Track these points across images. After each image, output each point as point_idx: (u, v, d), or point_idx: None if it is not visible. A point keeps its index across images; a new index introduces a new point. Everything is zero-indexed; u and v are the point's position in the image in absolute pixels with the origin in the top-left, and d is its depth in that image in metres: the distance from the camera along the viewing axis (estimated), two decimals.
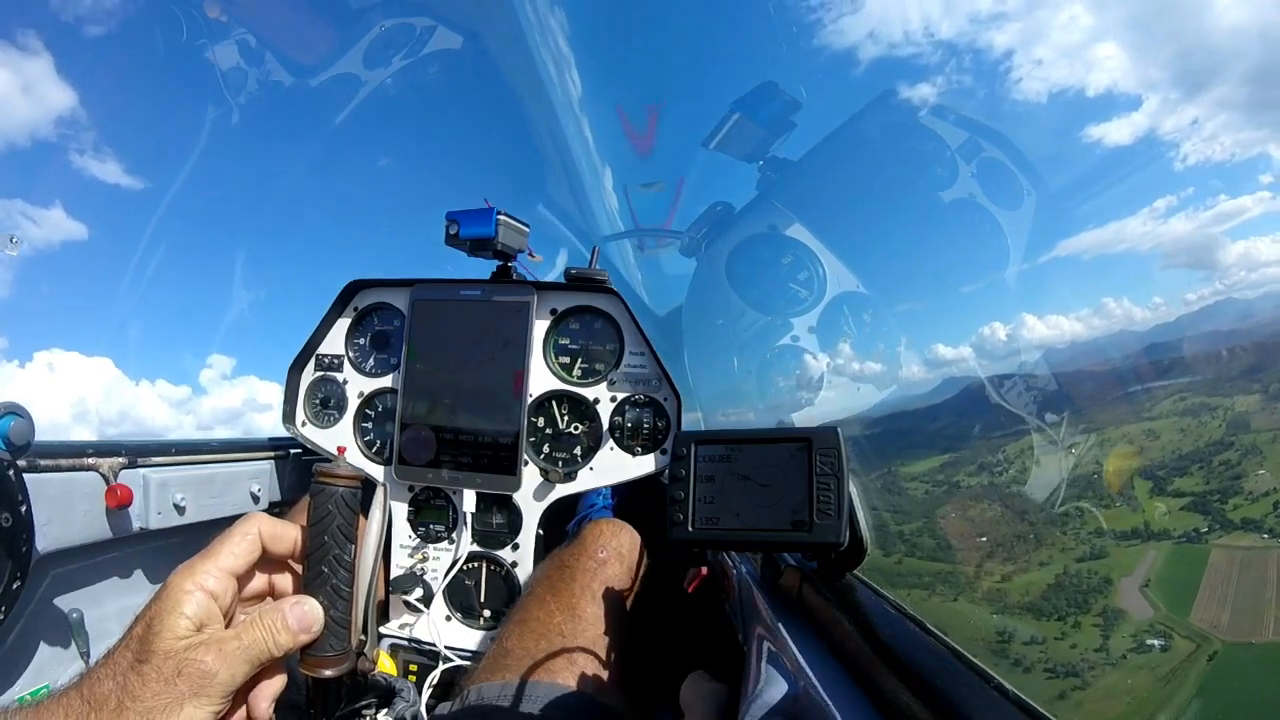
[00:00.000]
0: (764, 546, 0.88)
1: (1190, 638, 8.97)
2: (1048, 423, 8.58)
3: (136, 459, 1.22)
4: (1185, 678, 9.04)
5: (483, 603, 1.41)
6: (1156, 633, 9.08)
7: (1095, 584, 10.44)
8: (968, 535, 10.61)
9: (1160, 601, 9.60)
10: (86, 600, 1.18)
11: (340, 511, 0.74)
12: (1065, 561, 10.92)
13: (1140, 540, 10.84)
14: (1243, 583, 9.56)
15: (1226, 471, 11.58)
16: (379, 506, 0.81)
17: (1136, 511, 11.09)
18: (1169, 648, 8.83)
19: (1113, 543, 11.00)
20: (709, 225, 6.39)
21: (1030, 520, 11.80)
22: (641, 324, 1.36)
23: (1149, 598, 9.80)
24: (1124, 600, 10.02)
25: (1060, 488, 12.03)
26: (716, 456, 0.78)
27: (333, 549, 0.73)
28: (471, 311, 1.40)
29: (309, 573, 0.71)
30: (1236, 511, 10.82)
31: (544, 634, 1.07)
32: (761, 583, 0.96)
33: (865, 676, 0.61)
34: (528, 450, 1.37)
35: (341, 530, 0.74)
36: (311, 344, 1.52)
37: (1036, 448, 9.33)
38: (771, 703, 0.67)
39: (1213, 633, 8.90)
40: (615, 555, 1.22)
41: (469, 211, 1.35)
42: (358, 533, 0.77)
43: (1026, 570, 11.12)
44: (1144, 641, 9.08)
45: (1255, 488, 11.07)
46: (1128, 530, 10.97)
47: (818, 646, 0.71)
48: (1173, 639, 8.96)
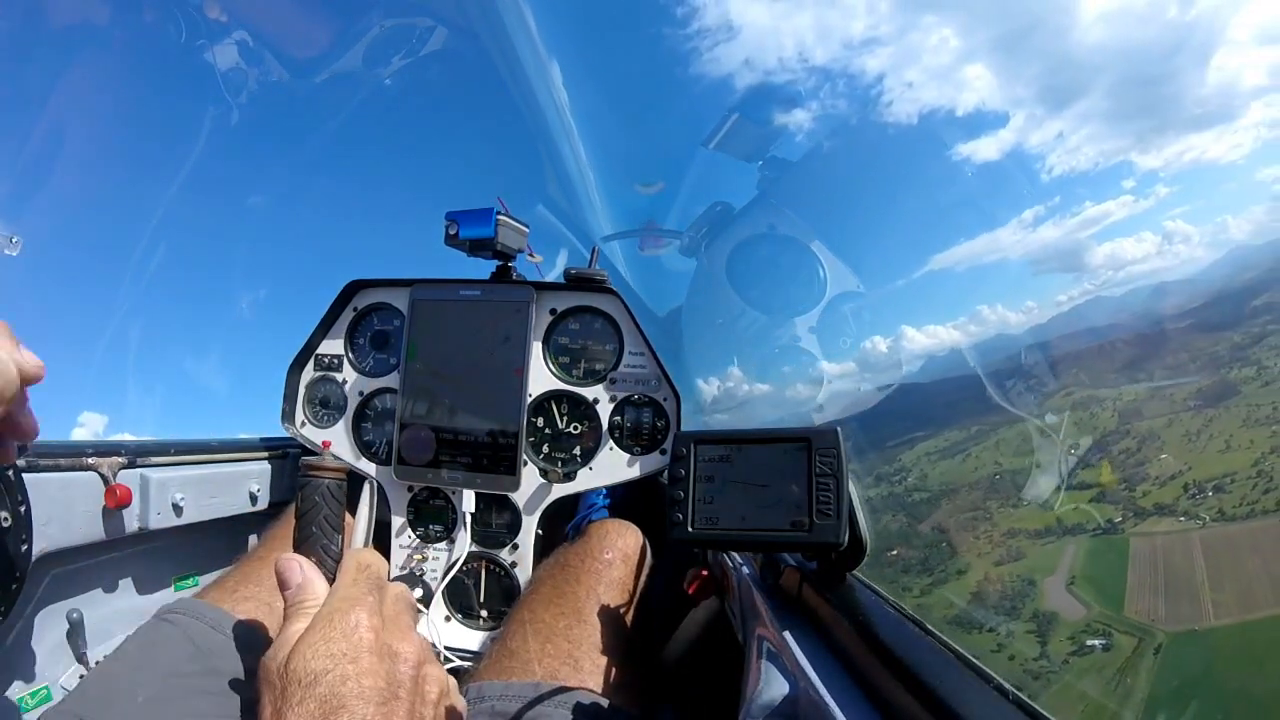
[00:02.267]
0: (764, 546, 0.88)
1: (1130, 632, 8.81)
2: (939, 428, 8.59)
3: (136, 459, 1.22)
4: (1136, 676, 8.85)
5: (482, 603, 1.41)
6: (1095, 632, 8.92)
7: (1019, 588, 10.31)
8: (875, 551, 10.66)
9: (1090, 598, 9.45)
10: (86, 601, 1.17)
11: (326, 502, 0.76)
12: (984, 567, 10.81)
13: (1055, 537, 10.71)
14: (1170, 569, 9.45)
15: (1129, 459, 11.54)
16: (367, 499, 0.82)
17: (1046, 509, 10.98)
18: (1111, 646, 8.69)
19: (1028, 542, 10.89)
20: (709, 225, 6.40)
21: (940, 527, 11.68)
22: (641, 324, 1.36)
23: (1078, 595, 9.65)
24: (1053, 601, 9.86)
25: (961, 491, 11.92)
26: (716, 457, 0.78)
27: (320, 539, 0.75)
28: (471, 311, 1.40)
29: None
30: (1147, 498, 10.75)
31: (548, 635, 1.06)
32: (761, 583, 0.96)
33: (865, 676, 0.61)
34: (527, 450, 1.37)
35: (329, 521, 0.76)
36: (311, 344, 1.52)
37: (932, 453, 9.30)
38: (771, 703, 0.67)
39: (1152, 624, 8.76)
40: (621, 556, 1.21)
41: (468, 212, 1.35)
42: (346, 525, 0.79)
43: (945, 580, 10.99)
44: (1084, 643, 8.92)
45: (1161, 472, 11.03)
46: (1040, 528, 10.86)
47: (818, 646, 0.71)
48: (1113, 636, 8.81)
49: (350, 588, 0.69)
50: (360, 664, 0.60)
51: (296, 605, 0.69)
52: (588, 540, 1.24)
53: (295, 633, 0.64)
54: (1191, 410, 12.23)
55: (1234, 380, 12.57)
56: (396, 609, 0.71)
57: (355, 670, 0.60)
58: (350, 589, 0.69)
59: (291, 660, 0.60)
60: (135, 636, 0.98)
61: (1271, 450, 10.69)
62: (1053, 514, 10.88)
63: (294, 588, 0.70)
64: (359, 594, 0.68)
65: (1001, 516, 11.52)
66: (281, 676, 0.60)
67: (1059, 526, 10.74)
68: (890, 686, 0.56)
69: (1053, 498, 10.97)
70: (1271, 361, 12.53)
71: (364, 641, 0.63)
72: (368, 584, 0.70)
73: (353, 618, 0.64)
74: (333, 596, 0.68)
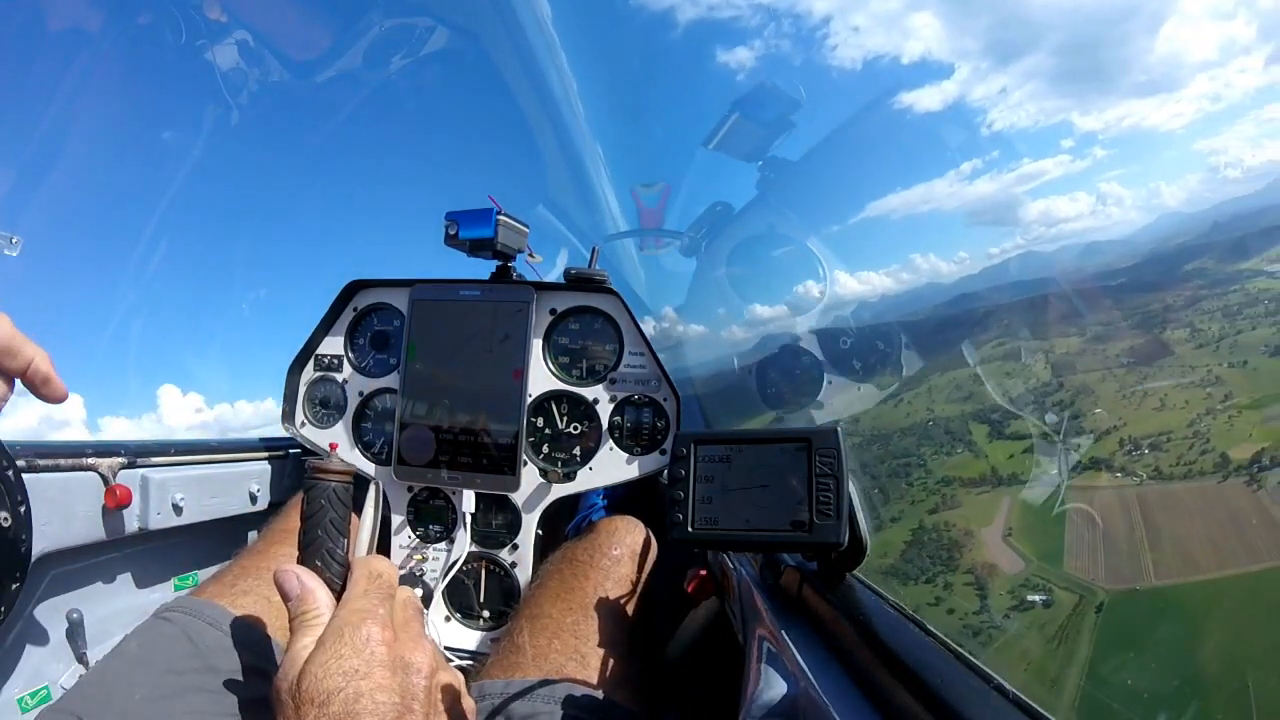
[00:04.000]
0: (764, 547, 0.88)
1: (1071, 589, 8.71)
2: (872, 373, 8.49)
3: (136, 459, 1.22)
4: (1078, 635, 8.74)
5: (482, 603, 1.41)
6: (1034, 587, 8.81)
7: (956, 537, 10.16)
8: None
9: (1029, 551, 9.34)
10: (85, 601, 1.17)
11: (333, 506, 0.75)
12: (919, 515, 10.65)
13: (990, 487, 10.60)
14: (1108, 524, 9.38)
15: (1063, 412, 11.48)
16: (372, 502, 0.82)
17: (980, 457, 10.88)
18: (1051, 602, 8.59)
19: (963, 490, 10.74)
20: (709, 225, 6.40)
21: (872, 473, 11.50)
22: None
23: (1015, 548, 9.54)
24: (991, 553, 9.72)
25: (894, 437, 11.78)
26: (716, 457, 0.78)
27: (326, 543, 0.74)
28: (471, 311, 1.40)
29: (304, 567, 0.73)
30: (1079, 451, 10.67)
31: (555, 631, 1.06)
32: (761, 583, 0.96)
33: (865, 676, 0.61)
34: (527, 450, 1.37)
35: (334, 525, 0.75)
36: (311, 344, 1.52)
37: (864, 397, 9.10)
38: (771, 703, 0.67)
39: (1092, 582, 8.67)
40: (629, 553, 1.21)
41: (468, 212, 1.35)
42: (351, 528, 0.78)
43: (879, 528, 10.80)
44: (1024, 598, 8.81)
45: (1096, 426, 10.97)
46: (975, 477, 10.74)
47: (818, 646, 0.71)
48: (1053, 592, 8.71)
49: (361, 599, 0.68)
50: (373, 679, 0.60)
51: (299, 618, 0.68)
52: (596, 536, 1.24)
53: (303, 649, 0.64)
54: (1124, 367, 12.25)
55: (1167, 340, 12.60)
56: (407, 616, 0.71)
57: (369, 686, 0.59)
58: (361, 600, 0.68)
59: (303, 680, 0.60)
60: (133, 635, 0.98)
61: (1207, 412, 10.68)
62: (987, 463, 10.78)
63: (294, 599, 0.70)
64: (370, 606, 0.67)
65: (935, 464, 11.41)
66: (294, 696, 0.59)
67: (994, 476, 10.65)
68: (890, 686, 0.56)
69: (984, 446, 10.88)
70: (1205, 325, 12.56)
71: (376, 656, 0.62)
72: (379, 594, 0.69)
73: (364, 631, 0.64)
74: (343, 609, 0.68)
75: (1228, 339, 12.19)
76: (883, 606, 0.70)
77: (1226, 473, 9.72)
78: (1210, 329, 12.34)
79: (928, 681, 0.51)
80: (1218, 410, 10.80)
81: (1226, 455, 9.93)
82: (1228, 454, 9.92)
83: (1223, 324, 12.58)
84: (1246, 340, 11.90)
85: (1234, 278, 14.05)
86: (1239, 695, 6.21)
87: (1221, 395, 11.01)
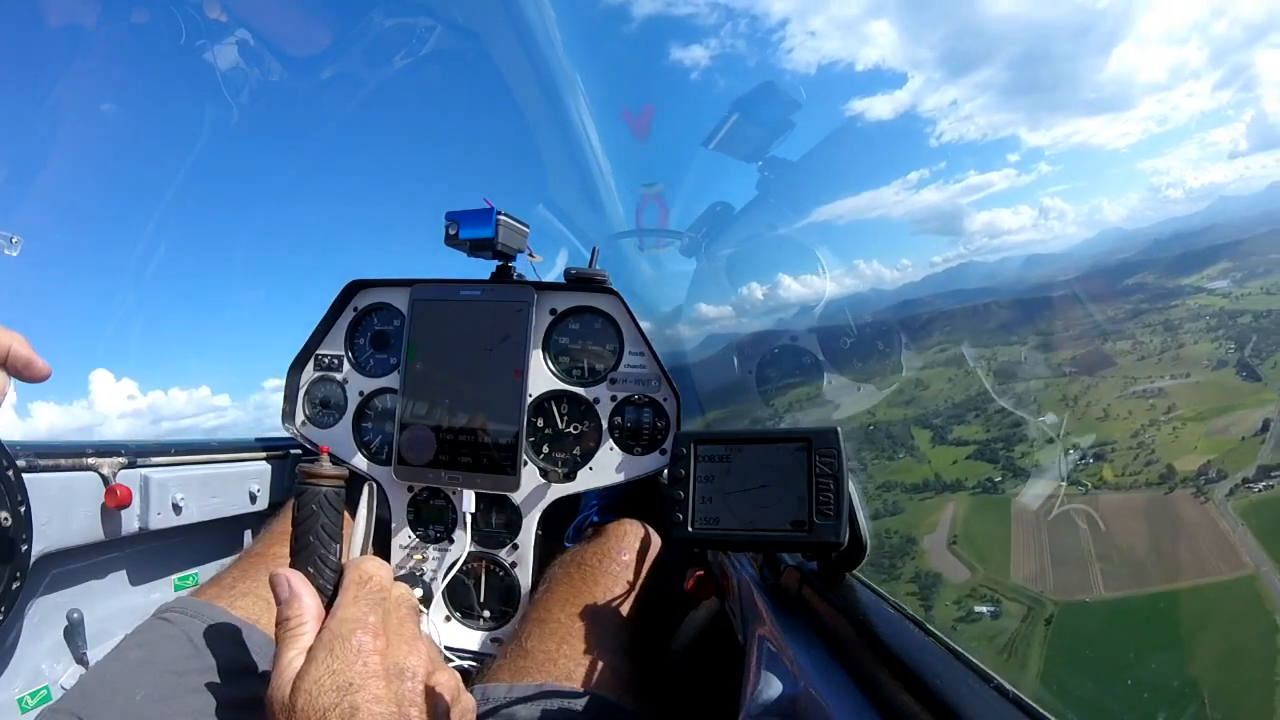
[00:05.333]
0: (764, 547, 0.88)
1: (1019, 599, 8.64)
2: (813, 376, 8.47)
3: (136, 459, 1.22)
4: (1029, 648, 8.65)
5: (482, 603, 1.41)
6: (981, 597, 8.72)
7: (899, 544, 10.09)
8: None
9: (974, 560, 9.26)
10: (86, 601, 1.17)
11: (325, 511, 0.74)
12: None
13: (934, 492, 10.56)
14: (1054, 533, 9.32)
15: (1005, 419, 11.47)
16: (366, 503, 0.80)
17: (923, 462, 10.83)
18: (999, 614, 8.51)
19: (905, 496, 10.68)
20: (709, 225, 6.41)
21: None
22: (641, 324, 1.36)
23: (961, 556, 9.47)
24: (936, 561, 9.65)
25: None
26: (716, 457, 0.78)
27: (318, 549, 0.73)
28: (471, 311, 1.40)
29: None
30: (1026, 459, 10.65)
31: (564, 636, 1.06)
32: (761, 583, 0.96)
33: (865, 676, 0.61)
34: (527, 450, 1.37)
35: (326, 530, 0.74)
36: (311, 344, 1.52)
37: (807, 400, 9.07)
38: (771, 702, 0.67)
39: (1041, 594, 8.60)
40: (637, 557, 1.21)
41: (469, 212, 1.35)
42: (346, 531, 0.77)
43: None
44: (971, 610, 8.75)
45: (1039, 434, 10.96)
46: (918, 482, 10.69)
47: (818, 646, 0.71)
48: (1001, 603, 8.63)
49: (350, 607, 0.67)
50: (368, 691, 0.59)
51: (283, 626, 0.67)
52: (605, 541, 1.24)
53: (289, 662, 0.63)
54: (1067, 376, 12.29)
55: (1110, 351, 12.67)
56: (400, 617, 0.70)
57: (365, 699, 0.58)
58: (350, 609, 0.67)
59: (296, 697, 0.59)
60: (133, 635, 0.98)
61: (1151, 423, 10.71)
62: (930, 468, 10.76)
63: (281, 604, 0.69)
64: (360, 614, 0.66)
65: (877, 469, 11.39)
66: (287, 712, 0.59)
67: (938, 482, 10.62)
68: (890, 686, 0.56)
69: (927, 452, 10.84)
70: (1147, 338, 12.65)
71: (370, 667, 0.61)
72: (368, 600, 0.68)
73: (355, 642, 0.63)
74: (332, 619, 0.66)
75: (1170, 352, 12.31)
76: (883, 606, 0.70)
77: (1173, 484, 9.73)
78: (1152, 342, 12.47)
79: (927, 681, 0.51)
80: (1161, 421, 10.85)
81: (1173, 467, 9.95)
82: (1174, 465, 9.94)
83: (1164, 337, 12.71)
84: (1189, 354, 12.01)
85: (1175, 293, 14.21)
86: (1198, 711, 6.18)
87: (1165, 407, 11.07)
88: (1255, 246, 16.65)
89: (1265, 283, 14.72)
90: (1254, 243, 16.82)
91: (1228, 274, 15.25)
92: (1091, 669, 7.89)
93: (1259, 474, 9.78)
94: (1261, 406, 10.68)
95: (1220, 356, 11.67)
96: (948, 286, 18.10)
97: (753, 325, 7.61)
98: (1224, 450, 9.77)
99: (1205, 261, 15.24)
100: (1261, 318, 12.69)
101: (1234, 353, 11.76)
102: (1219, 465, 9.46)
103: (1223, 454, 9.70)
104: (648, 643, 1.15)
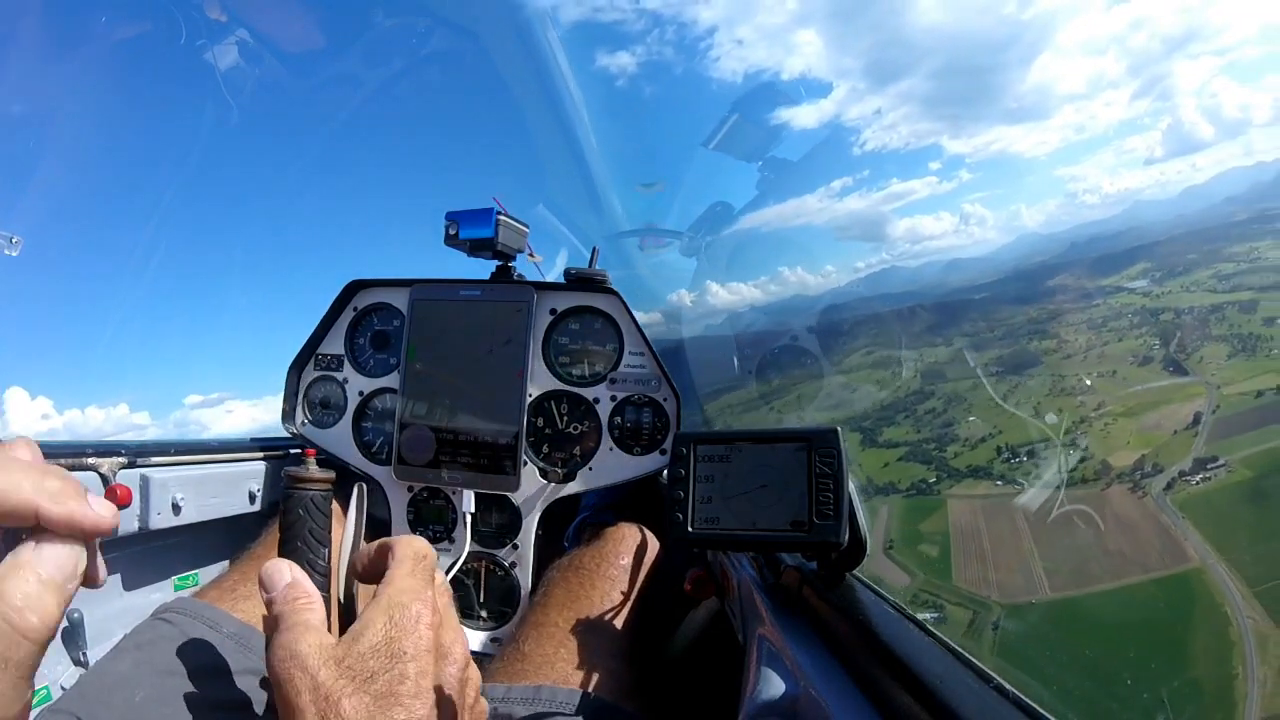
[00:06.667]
0: (764, 547, 0.88)
1: (963, 604, 8.56)
2: (741, 381, 8.44)
3: (136, 459, 1.22)
4: (977, 655, 8.65)
5: (482, 603, 1.41)
6: (924, 603, 8.64)
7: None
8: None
9: (914, 565, 9.17)
10: (85, 600, 1.17)
11: (311, 515, 0.73)
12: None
13: (866, 497, 10.54)
14: (994, 534, 9.27)
15: (936, 419, 11.43)
16: (355, 506, 0.78)
17: (851, 464, 10.83)
18: (944, 619, 8.43)
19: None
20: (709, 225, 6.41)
21: None
22: (641, 324, 1.36)
23: (899, 561, 9.38)
24: (873, 567, 9.62)
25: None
26: (715, 457, 0.78)
27: (306, 554, 0.72)
28: (471, 311, 1.40)
29: None
30: (959, 459, 10.59)
31: (562, 639, 1.06)
32: (761, 583, 0.96)
33: (865, 676, 0.61)
34: (527, 450, 1.37)
35: (314, 535, 0.73)
36: (311, 344, 1.52)
37: (735, 406, 9.03)
38: (771, 703, 0.67)
39: (986, 597, 8.53)
40: (637, 561, 1.21)
41: (469, 212, 1.35)
42: (336, 534, 0.76)
43: None
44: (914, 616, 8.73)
45: (970, 434, 10.92)
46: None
47: (818, 646, 0.71)
48: (945, 609, 8.55)
49: (409, 579, 0.63)
50: (419, 663, 0.57)
51: (293, 603, 0.62)
52: (604, 544, 1.24)
53: (304, 625, 0.59)
54: (994, 376, 12.32)
55: (1034, 350, 12.72)
56: (445, 602, 0.67)
57: (415, 670, 0.57)
58: (409, 580, 0.63)
59: (347, 657, 0.56)
60: (132, 635, 0.98)
61: (1082, 420, 10.72)
62: (861, 472, 10.74)
63: (284, 587, 0.64)
64: (418, 586, 0.63)
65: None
66: (334, 668, 0.55)
67: (870, 485, 10.57)
68: (890, 686, 0.56)
69: (857, 454, 10.79)
70: (1071, 337, 12.71)
71: (424, 640, 0.59)
72: (424, 576, 0.65)
73: (413, 611, 0.60)
74: (390, 586, 0.63)
75: (1095, 350, 12.36)
76: (883, 606, 0.70)
77: (1109, 480, 9.71)
78: (1077, 340, 12.50)
79: (927, 681, 0.51)
80: (1092, 418, 10.86)
81: (1108, 462, 9.93)
82: (1108, 461, 9.92)
83: (1089, 335, 12.75)
84: (1113, 351, 12.05)
85: (1096, 293, 14.26)
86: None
87: (1095, 404, 11.08)
88: (1173, 247, 16.83)
89: (1184, 280, 14.85)
90: (1171, 243, 16.98)
91: (1147, 273, 15.38)
92: (1044, 670, 7.85)
93: (1195, 466, 9.79)
94: (1190, 400, 10.69)
95: (1145, 352, 11.70)
96: (873, 291, 18.35)
97: (683, 332, 7.62)
98: (1157, 444, 9.76)
99: (1124, 263, 15.36)
100: (1183, 314, 12.73)
101: (1159, 349, 11.81)
102: (1154, 459, 9.44)
103: (1155, 448, 9.70)
104: (646, 645, 1.15)
